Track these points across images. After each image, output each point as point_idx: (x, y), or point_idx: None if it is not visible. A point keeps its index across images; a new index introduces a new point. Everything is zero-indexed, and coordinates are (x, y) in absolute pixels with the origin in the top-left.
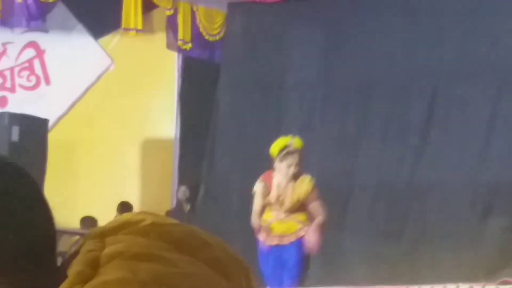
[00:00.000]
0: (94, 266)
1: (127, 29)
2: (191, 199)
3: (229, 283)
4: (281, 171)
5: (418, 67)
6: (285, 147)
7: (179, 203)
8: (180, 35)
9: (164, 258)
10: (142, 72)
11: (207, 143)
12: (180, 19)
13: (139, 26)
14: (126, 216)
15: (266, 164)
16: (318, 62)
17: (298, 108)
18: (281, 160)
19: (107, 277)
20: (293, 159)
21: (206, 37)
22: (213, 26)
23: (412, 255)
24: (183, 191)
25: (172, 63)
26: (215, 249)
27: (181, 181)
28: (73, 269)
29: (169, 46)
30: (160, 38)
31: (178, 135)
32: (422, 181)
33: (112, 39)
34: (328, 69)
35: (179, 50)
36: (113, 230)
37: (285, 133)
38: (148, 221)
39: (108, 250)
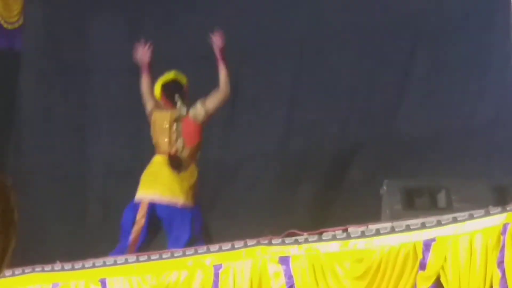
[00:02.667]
0: None
1: None
2: None
3: None
4: None
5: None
6: None
7: None
8: None
9: None
10: None
11: (12, 135)
12: None
13: None
14: None
15: (77, 149)
16: (120, 49)
17: (104, 94)
18: None
19: None
20: None
21: (4, 25)
22: (11, 14)
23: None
24: None
25: None
26: None
27: None
28: None
29: None
30: None
31: None
32: (230, 157)
33: None
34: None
35: None
36: None
37: (92, 118)
38: None
39: None
